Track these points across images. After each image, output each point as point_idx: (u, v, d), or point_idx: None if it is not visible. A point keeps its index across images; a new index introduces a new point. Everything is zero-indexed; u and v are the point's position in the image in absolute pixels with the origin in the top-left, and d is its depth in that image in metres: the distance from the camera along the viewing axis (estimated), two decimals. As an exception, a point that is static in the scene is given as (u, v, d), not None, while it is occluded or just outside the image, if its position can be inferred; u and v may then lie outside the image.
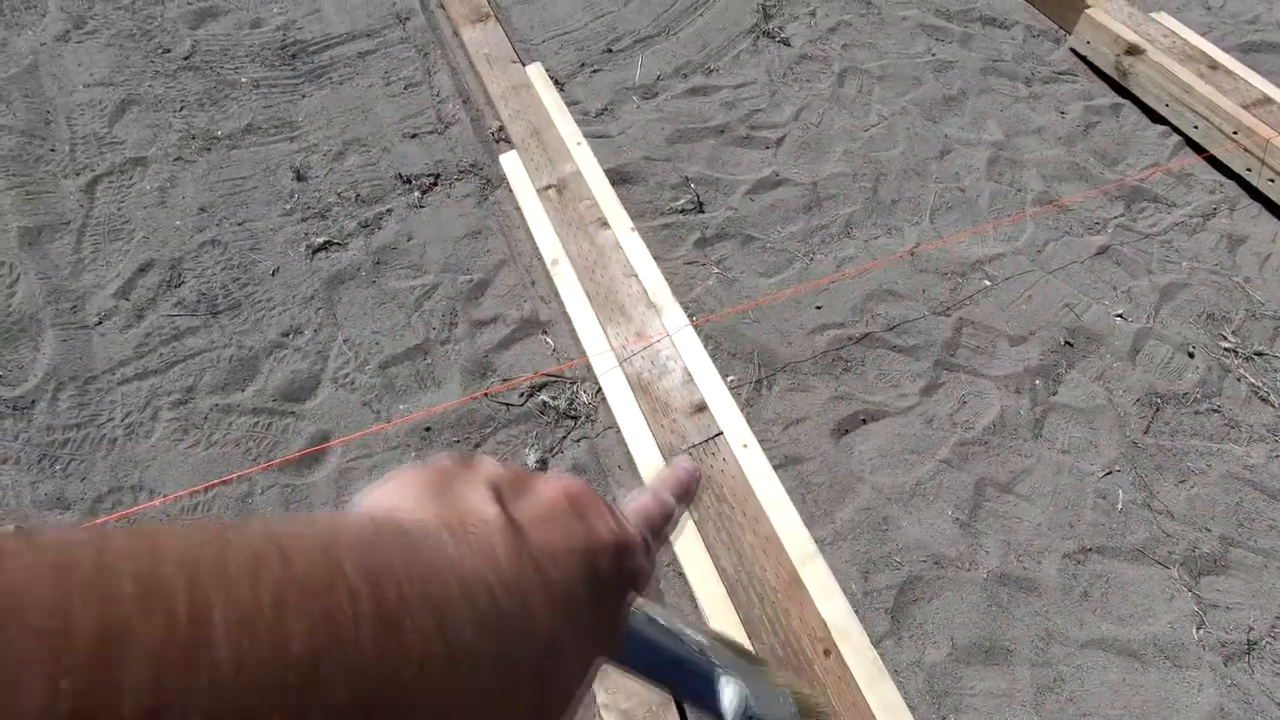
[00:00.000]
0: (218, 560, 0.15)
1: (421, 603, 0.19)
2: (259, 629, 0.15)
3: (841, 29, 2.42)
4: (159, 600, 0.14)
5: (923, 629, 1.34)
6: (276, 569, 0.16)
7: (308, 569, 0.17)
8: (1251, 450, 1.58)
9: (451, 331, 1.70)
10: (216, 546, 0.16)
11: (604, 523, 0.29)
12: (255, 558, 0.16)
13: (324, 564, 0.17)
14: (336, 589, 0.17)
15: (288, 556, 0.17)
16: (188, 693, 0.14)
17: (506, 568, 0.23)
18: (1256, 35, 2.48)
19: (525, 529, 0.26)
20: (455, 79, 2.22)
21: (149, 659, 0.13)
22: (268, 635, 0.15)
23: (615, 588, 0.28)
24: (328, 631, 0.16)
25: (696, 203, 1.94)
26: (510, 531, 0.25)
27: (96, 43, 2.23)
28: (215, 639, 0.14)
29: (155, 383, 1.59)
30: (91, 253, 1.79)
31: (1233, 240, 1.95)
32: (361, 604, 0.17)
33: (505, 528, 0.25)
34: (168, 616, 0.14)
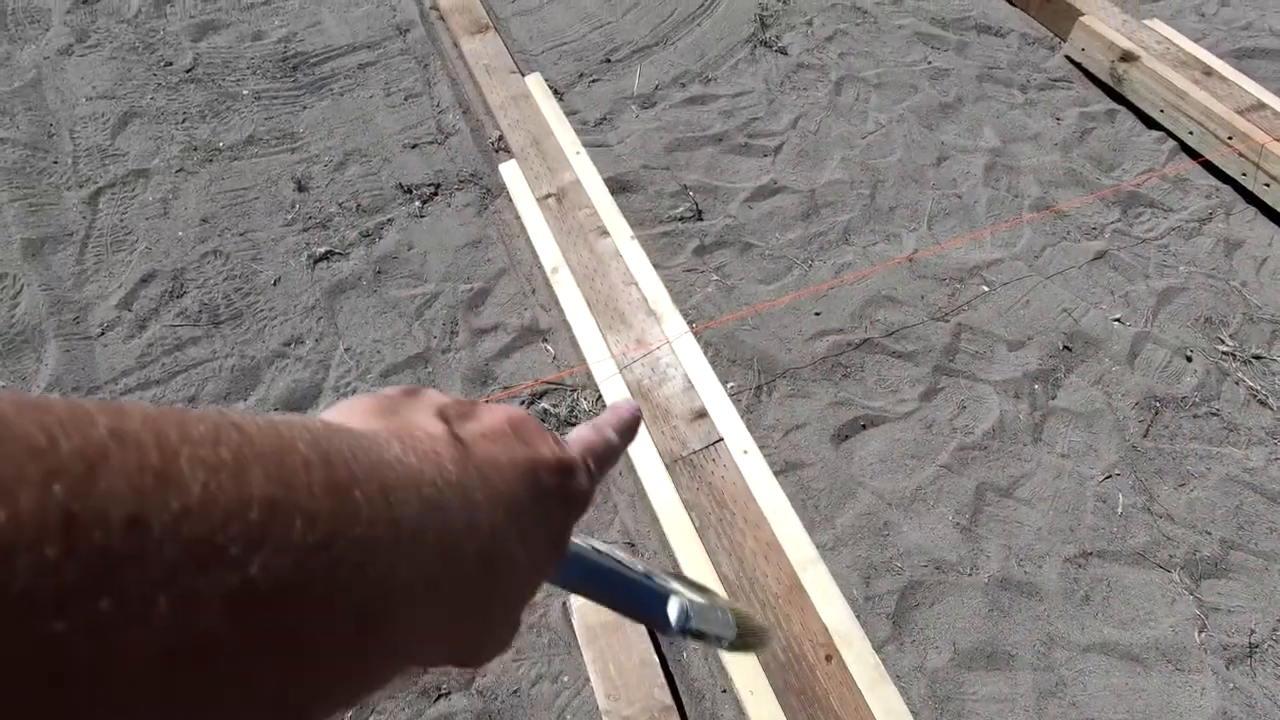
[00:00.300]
0: (180, 424, 0.17)
1: (369, 478, 0.20)
2: (222, 476, 0.16)
3: (838, 38, 2.44)
4: (130, 440, 0.15)
5: (924, 634, 1.34)
6: (235, 436, 0.17)
7: (263, 440, 0.18)
8: (1251, 453, 1.59)
9: (452, 340, 1.71)
10: (178, 416, 0.17)
11: (546, 444, 0.30)
12: (215, 427, 0.17)
13: (277, 438, 0.19)
14: (291, 457, 0.18)
15: (245, 430, 0.18)
16: (163, 509, 0.15)
17: (451, 469, 0.24)
18: (1250, 41, 2.50)
19: (469, 444, 0.27)
20: (455, 90, 2.24)
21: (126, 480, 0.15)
22: (230, 480, 0.16)
23: (558, 504, 0.30)
24: (283, 486, 0.17)
25: (695, 211, 1.95)
26: (455, 443, 0.26)
27: (99, 56, 2.25)
28: (183, 475, 0.16)
29: (158, 393, 1.60)
30: (94, 264, 1.80)
31: (1229, 244, 1.96)
32: (314, 471, 0.19)
33: (450, 440, 0.26)
34: (140, 452, 0.15)
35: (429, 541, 0.22)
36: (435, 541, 0.22)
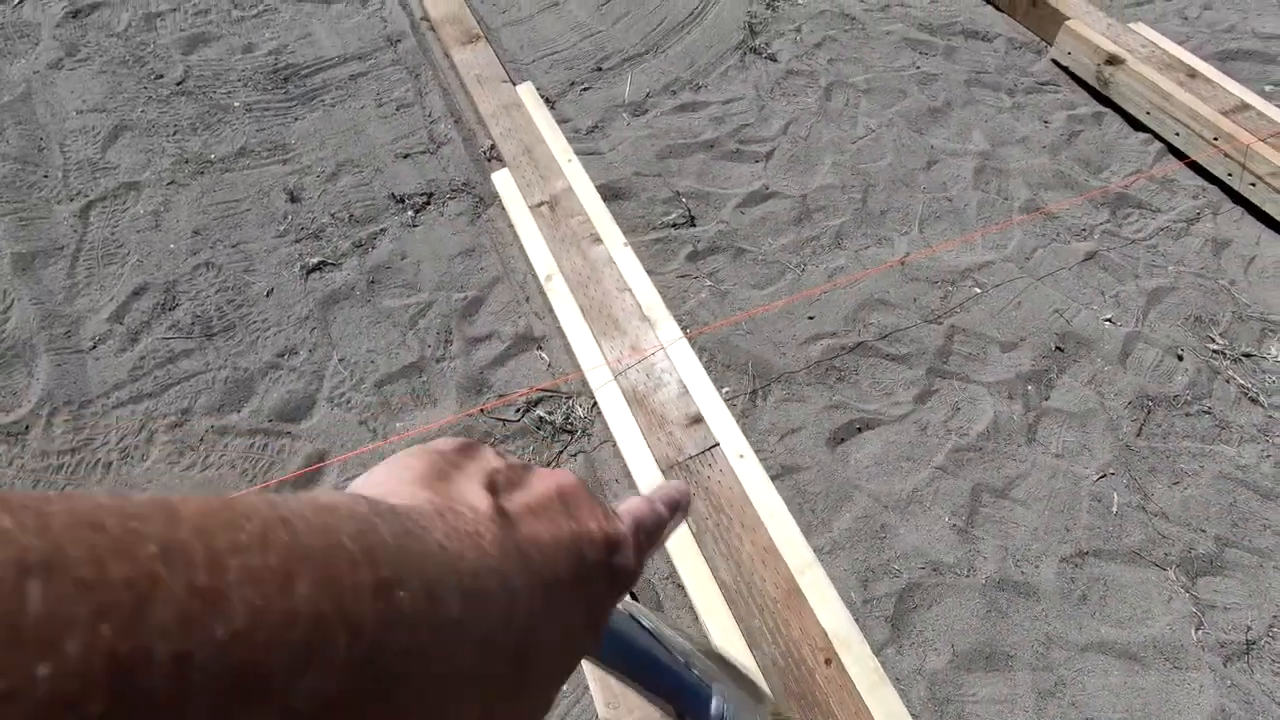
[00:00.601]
0: (230, 528, 0.16)
1: (413, 575, 0.20)
2: (269, 589, 0.16)
3: (827, 44, 2.46)
4: (179, 558, 0.15)
5: (923, 636, 1.34)
6: (283, 537, 0.17)
7: (310, 538, 0.18)
8: (1243, 450, 1.60)
9: (447, 349, 1.71)
10: (228, 515, 0.17)
11: (594, 518, 0.30)
12: (264, 526, 0.17)
13: (324, 534, 0.18)
14: (337, 558, 0.18)
15: (292, 528, 0.18)
16: (209, 642, 0.15)
17: (491, 552, 0.24)
18: (1233, 44, 2.53)
19: (514, 519, 0.27)
20: (447, 99, 2.25)
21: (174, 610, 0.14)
22: (277, 595, 0.16)
23: (600, 581, 0.29)
24: (329, 595, 0.17)
25: (688, 217, 1.96)
26: (498, 521, 0.26)
27: (89, 70, 2.25)
28: (230, 596, 0.15)
29: (150, 405, 1.59)
30: (86, 277, 1.80)
31: (1217, 244, 1.98)
32: (360, 572, 0.18)
33: (494, 517, 0.26)
34: (189, 572, 0.15)
35: (468, 639, 0.21)
36: (475, 638, 0.22)
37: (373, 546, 0.19)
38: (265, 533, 0.17)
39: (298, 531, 0.18)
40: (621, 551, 0.30)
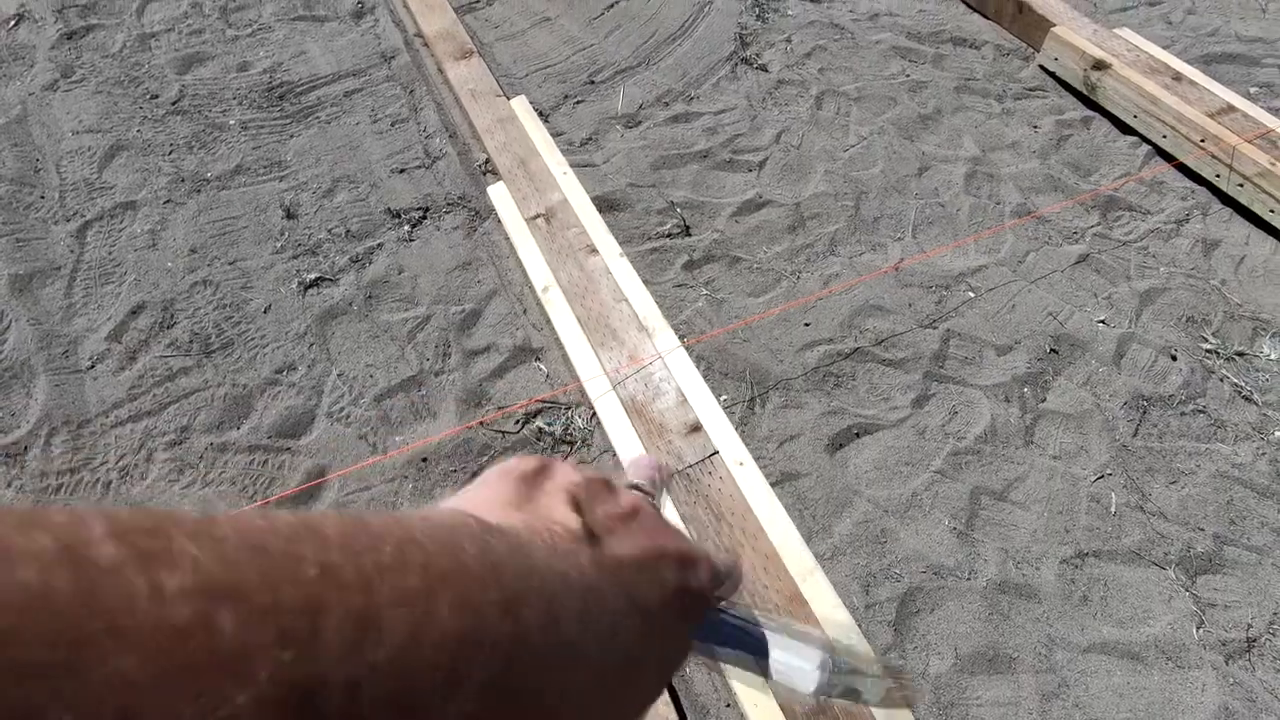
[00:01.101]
0: (372, 549, 0.17)
1: (533, 594, 0.21)
2: (417, 612, 0.17)
3: (817, 54, 2.49)
4: (335, 580, 0.16)
5: (926, 640, 1.34)
6: (418, 555, 0.18)
7: (441, 557, 0.19)
8: (1239, 449, 1.61)
9: (445, 362, 1.71)
10: (368, 538, 0.17)
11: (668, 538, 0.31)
12: (400, 547, 0.18)
13: (451, 554, 0.19)
14: (467, 578, 0.19)
15: (424, 547, 0.18)
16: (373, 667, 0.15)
17: (590, 573, 0.25)
18: (1217, 47, 2.56)
19: (602, 538, 0.27)
20: (441, 114, 2.26)
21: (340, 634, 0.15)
22: (424, 616, 0.17)
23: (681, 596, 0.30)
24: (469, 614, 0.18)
25: (683, 226, 1.97)
26: (590, 540, 0.27)
27: (85, 90, 2.26)
28: (384, 619, 0.16)
29: (149, 424, 1.59)
30: (83, 297, 1.80)
31: (1207, 244, 2.00)
32: (489, 591, 0.19)
33: (584, 536, 0.27)
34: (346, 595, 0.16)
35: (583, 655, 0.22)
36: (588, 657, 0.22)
37: (495, 565, 0.20)
38: (402, 553, 0.18)
39: (429, 552, 0.18)
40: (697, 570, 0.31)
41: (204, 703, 0.13)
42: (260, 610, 0.14)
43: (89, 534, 0.13)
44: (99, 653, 0.12)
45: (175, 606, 0.13)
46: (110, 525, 0.14)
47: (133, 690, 0.12)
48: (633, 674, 0.25)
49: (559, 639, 0.21)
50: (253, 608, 0.14)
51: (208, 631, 0.13)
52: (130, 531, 0.14)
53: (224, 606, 0.14)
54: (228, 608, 0.14)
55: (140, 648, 0.12)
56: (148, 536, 0.14)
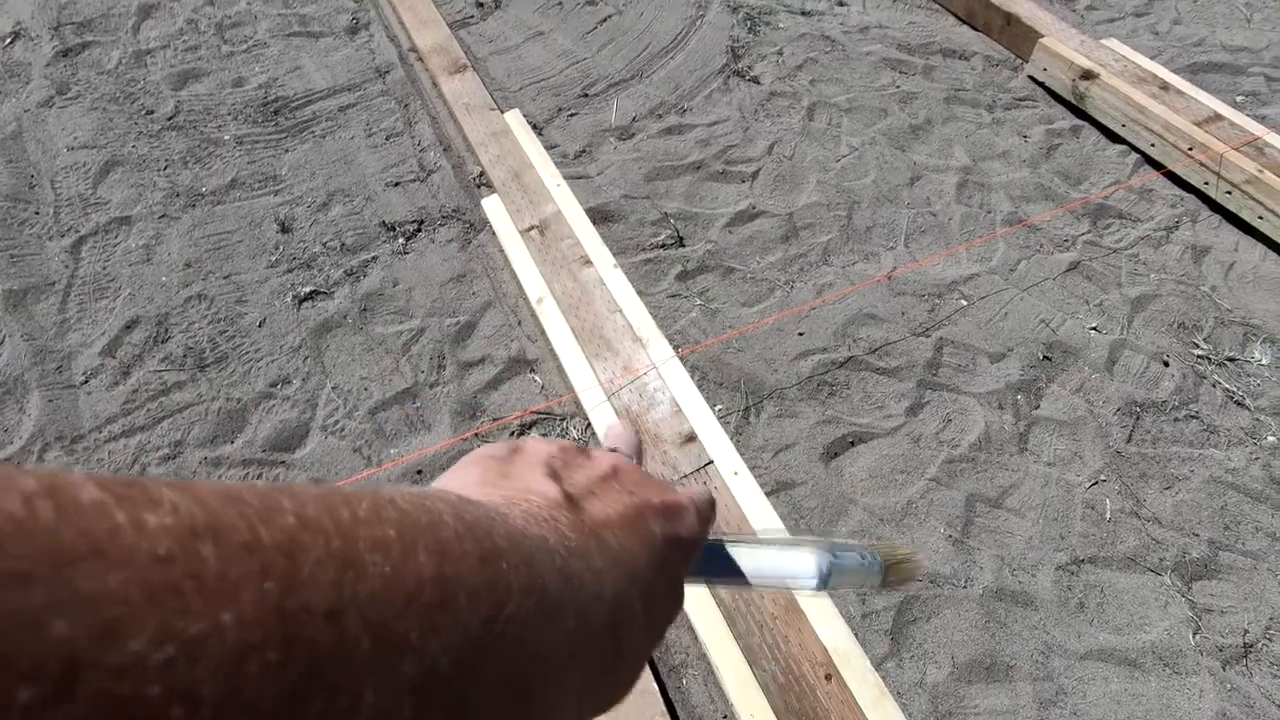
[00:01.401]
0: (346, 504, 0.18)
1: (512, 549, 0.21)
2: (394, 556, 0.17)
3: (808, 66, 2.51)
4: (314, 528, 0.16)
5: (923, 649, 1.34)
6: (393, 512, 0.18)
7: (416, 514, 0.19)
8: (1232, 454, 1.61)
9: (440, 374, 1.71)
10: (340, 496, 0.18)
11: (651, 491, 0.31)
12: (374, 504, 0.18)
13: (427, 511, 0.20)
14: (443, 530, 0.19)
15: (399, 505, 0.19)
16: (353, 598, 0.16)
17: (570, 535, 0.25)
18: (1203, 57, 2.59)
19: (580, 501, 0.28)
20: (435, 128, 2.28)
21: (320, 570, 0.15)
22: (401, 561, 0.17)
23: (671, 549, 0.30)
24: (446, 559, 0.18)
25: (676, 237, 1.98)
26: (569, 505, 0.27)
27: (80, 107, 2.27)
28: (363, 560, 0.16)
29: (143, 439, 1.59)
30: (77, 312, 1.80)
31: (1197, 251, 2.01)
32: (465, 543, 0.19)
33: (564, 503, 0.27)
34: (325, 538, 0.16)
35: (568, 613, 0.22)
36: (573, 613, 0.22)
37: (471, 524, 0.20)
38: (378, 509, 0.18)
39: (404, 509, 0.19)
40: (683, 518, 0.31)
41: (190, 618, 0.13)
42: (241, 545, 0.14)
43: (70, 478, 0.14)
44: (86, 569, 0.12)
45: (158, 538, 0.13)
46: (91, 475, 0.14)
47: (122, 603, 0.12)
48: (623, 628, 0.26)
49: (540, 594, 0.21)
50: (234, 543, 0.14)
51: (190, 560, 0.14)
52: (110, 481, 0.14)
53: (205, 541, 0.14)
54: (209, 542, 0.14)
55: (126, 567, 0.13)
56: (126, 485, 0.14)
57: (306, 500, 0.17)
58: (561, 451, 0.32)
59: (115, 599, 0.12)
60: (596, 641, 0.24)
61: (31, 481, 0.13)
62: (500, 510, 0.24)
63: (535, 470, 0.29)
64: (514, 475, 0.29)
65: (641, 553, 0.28)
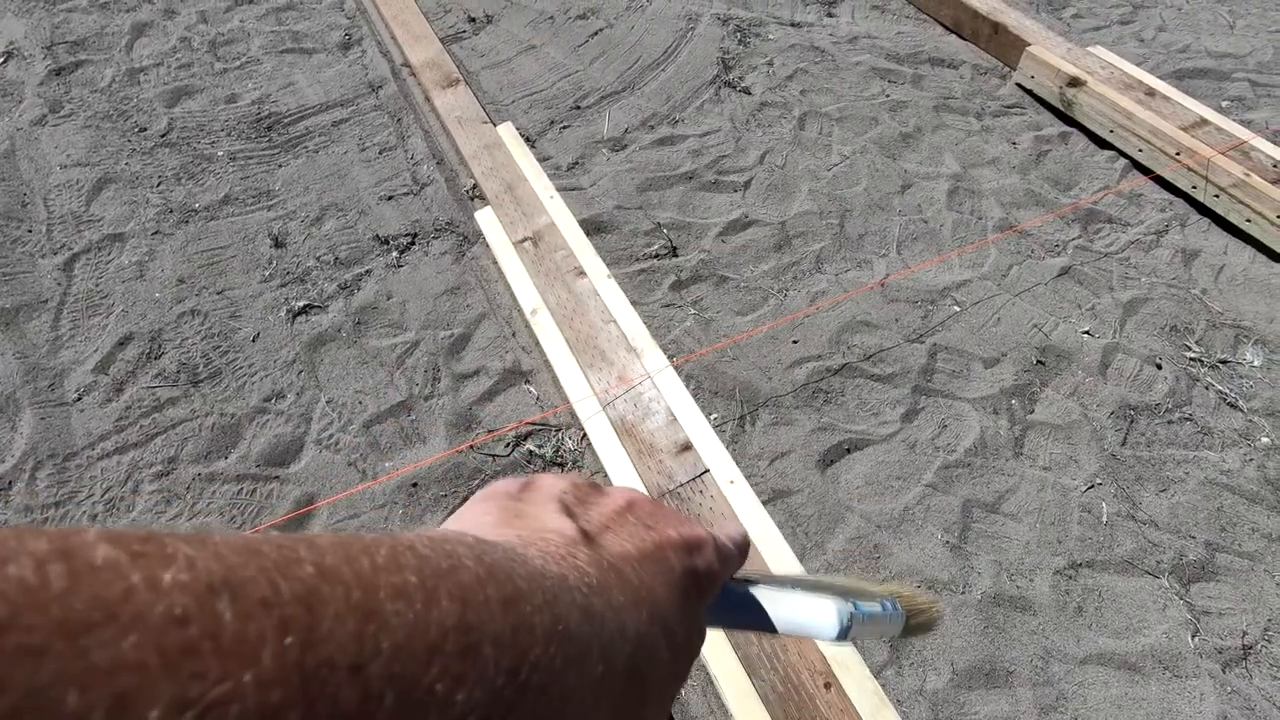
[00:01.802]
0: (366, 552, 0.17)
1: (534, 590, 0.21)
2: (416, 605, 0.17)
3: (799, 76, 2.53)
4: (334, 579, 0.16)
5: (922, 656, 1.33)
6: (412, 558, 0.18)
7: (437, 559, 0.19)
8: (1226, 455, 1.62)
9: (434, 386, 1.71)
10: (358, 544, 0.18)
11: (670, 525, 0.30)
12: (392, 550, 0.18)
13: (447, 555, 0.19)
14: (464, 574, 0.19)
15: (418, 551, 0.19)
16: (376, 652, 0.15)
17: (590, 571, 0.25)
18: (1188, 63, 2.62)
19: (597, 538, 0.27)
20: (429, 142, 2.29)
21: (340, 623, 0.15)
22: (424, 609, 0.17)
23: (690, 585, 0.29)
24: (469, 605, 0.18)
25: (670, 247, 1.99)
26: (586, 542, 0.27)
27: (73, 125, 2.27)
28: (385, 611, 0.16)
29: (136, 455, 1.58)
30: (70, 329, 1.79)
31: (1187, 254, 2.03)
32: (487, 587, 0.19)
33: (582, 540, 0.27)
34: (345, 589, 0.16)
35: (592, 655, 0.22)
36: (598, 655, 0.22)
37: (492, 567, 0.20)
38: (397, 556, 0.18)
39: (424, 555, 0.18)
40: (703, 552, 0.31)
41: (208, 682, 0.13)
42: (259, 601, 0.14)
43: (83, 539, 0.13)
44: (100, 637, 0.12)
45: (173, 597, 0.13)
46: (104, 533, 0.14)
47: (136, 670, 0.12)
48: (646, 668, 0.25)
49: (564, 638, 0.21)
50: (252, 598, 0.14)
51: (207, 619, 0.13)
52: (124, 537, 0.14)
53: (222, 598, 0.14)
54: (226, 598, 0.14)
55: (140, 631, 0.12)
56: (141, 542, 0.14)
57: (324, 549, 0.17)
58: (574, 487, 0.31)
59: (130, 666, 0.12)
60: (621, 682, 0.23)
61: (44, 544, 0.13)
62: (518, 550, 0.23)
63: (548, 506, 0.29)
64: (528, 514, 0.29)
65: (661, 589, 0.27)
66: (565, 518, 0.28)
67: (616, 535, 0.28)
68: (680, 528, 0.31)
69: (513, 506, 0.29)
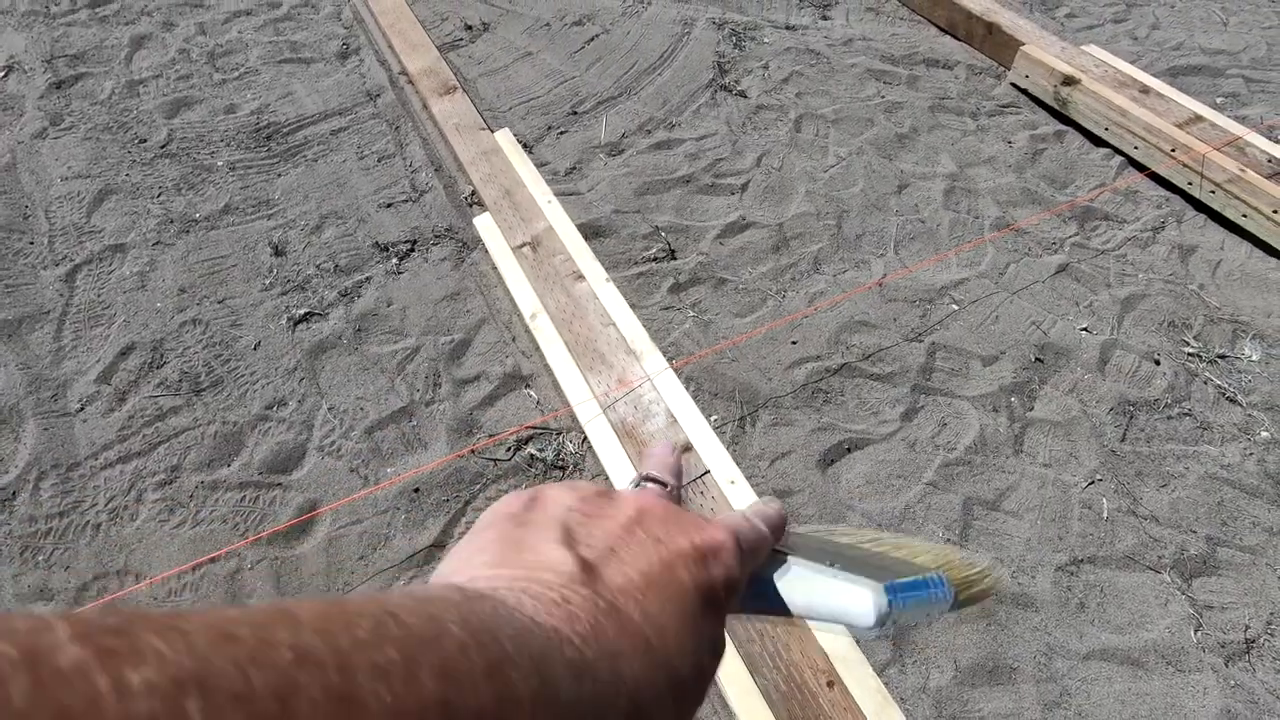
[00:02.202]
0: (347, 627, 0.17)
1: (521, 654, 0.20)
2: (395, 684, 0.17)
3: (794, 79, 2.54)
4: (311, 662, 0.16)
5: (924, 654, 1.34)
6: (396, 630, 0.18)
7: (421, 628, 0.19)
8: (1226, 450, 1.62)
9: (435, 392, 1.72)
10: (342, 615, 0.18)
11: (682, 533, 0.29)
12: (376, 622, 0.18)
13: (431, 623, 0.19)
14: (448, 643, 0.19)
15: (401, 620, 0.18)
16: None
17: (585, 619, 0.24)
18: (1182, 60, 2.63)
19: (598, 568, 0.26)
20: (427, 149, 2.30)
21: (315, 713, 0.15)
22: (403, 688, 0.17)
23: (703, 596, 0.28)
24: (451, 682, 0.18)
25: (668, 250, 2.00)
26: (583, 578, 0.26)
27: (74, 137, 2.29)
28: (363, 694, 0.16)
29: (139, 464, 1.59)
30: (72, 340, 1.80)
31: (1183, 250, 2.03)
32: (471, 656, 0.19)
33: (578, 575, 0.26)
34: (322, 674, 0.16)
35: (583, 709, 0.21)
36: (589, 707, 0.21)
37: (477, 630, 0.20)
38: (379, 628, 0.18)
39: (408, 625, 0.18)
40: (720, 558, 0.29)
41: None
42: (230, 696, 0.14)
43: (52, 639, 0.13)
44: None
45: (140, 701, 0.13)
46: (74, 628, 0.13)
47: None
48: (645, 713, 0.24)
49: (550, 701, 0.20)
50: (222, 695, 0.14)
51: None
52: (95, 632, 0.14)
53: (191, 696, 0.13)
54: (195, 697, 0.14)
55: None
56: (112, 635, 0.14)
57: (304, 626, 0.16)
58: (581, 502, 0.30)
59: None
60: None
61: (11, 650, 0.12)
62: (508, 603, 0.23)
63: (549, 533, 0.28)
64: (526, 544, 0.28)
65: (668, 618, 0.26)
66: (565, 549, 0.27)
67: (621, 559, 0.27)
68: (696, 535, 0.29)
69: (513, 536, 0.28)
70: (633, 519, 0.29)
